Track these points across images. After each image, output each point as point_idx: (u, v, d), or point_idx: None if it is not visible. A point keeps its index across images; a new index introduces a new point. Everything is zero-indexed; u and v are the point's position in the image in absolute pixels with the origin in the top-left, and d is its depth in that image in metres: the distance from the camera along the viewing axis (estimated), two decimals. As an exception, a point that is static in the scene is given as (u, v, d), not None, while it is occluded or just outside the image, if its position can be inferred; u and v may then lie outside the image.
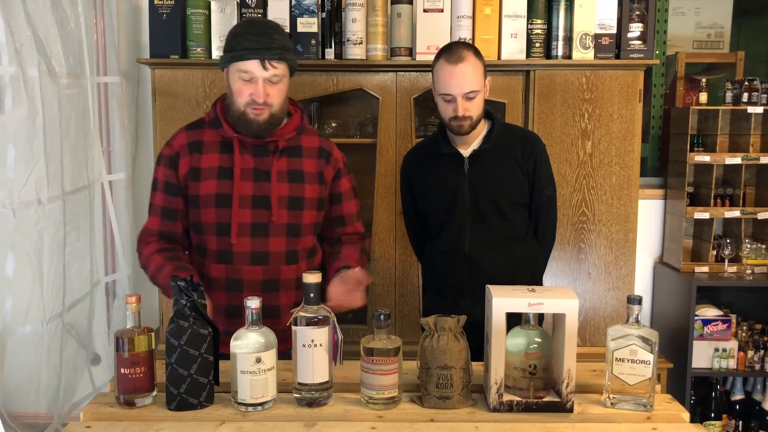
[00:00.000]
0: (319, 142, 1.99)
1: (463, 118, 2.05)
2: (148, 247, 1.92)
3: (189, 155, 1.90)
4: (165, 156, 1.92)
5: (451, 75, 2.02)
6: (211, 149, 1.90)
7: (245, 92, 1.81)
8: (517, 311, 1.53)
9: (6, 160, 2.25)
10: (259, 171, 1.89)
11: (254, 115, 1.83)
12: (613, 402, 1.56)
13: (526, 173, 2.16)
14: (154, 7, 2.78)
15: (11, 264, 2.29)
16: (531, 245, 2.23)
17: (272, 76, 1.81)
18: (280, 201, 1.89)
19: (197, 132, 1.93)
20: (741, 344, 3.10)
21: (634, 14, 2.83)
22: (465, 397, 1.56)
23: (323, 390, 1.56)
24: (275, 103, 1.84)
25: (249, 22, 1.88)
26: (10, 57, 2.20)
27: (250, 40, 1.79)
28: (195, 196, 1.89)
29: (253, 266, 1.89)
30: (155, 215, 1.93)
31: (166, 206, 1.92)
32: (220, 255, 1.89)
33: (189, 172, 1.89)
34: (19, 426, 2.34)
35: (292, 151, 1.93)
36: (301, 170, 1.93)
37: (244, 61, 1.79)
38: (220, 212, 1.87)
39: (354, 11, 2.80)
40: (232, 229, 1.86)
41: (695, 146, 3.15)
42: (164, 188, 1.91)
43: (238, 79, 1.82)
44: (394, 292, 2.96)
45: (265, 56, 1.78)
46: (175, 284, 1.52)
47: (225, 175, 1.88)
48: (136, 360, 1.52)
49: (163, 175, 1.91)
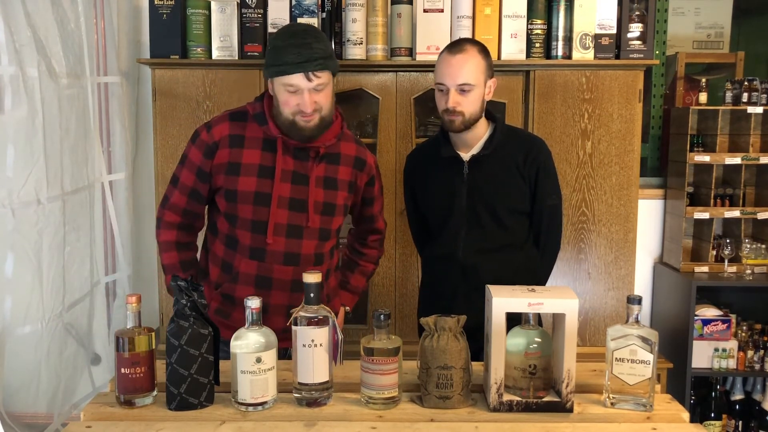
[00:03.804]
0: (356, 151, 2.01)
1: (454, 113, 1.99)
2: (168, 232, 1.96)
3: (229, 148, 1.88)
4: (203, 141, 1.90)
5: (447, 64, 1.99)
6: (253, 145, 1.89)
7: (292, 103, 1.81)
8: (517, 311, 1.53)
9: (5, 160, 2.25)
10: (297, 174, 1.90)
11: (304, 122, 1.83)
12: (613, 402, 1.56)
13: (527, 180, 2.09)
14: (155, 7, 2.78)
15: (11, 264, 2.29)
16: (530, 255, 2.16)
17: (317, 86, 1.80)
18: (315, 206, 1.92)
19: (240, 125, 1.91)
20: (741, 344, 3.10)
21: (634, 14, 2.83)
22: (465, 397, 1.56)
23: (323, 390, 1.56)
24: (324, 107, 1.84)
25: (288, 32, 1.85)
26: (10, 57, 2.20)
27: (291, 53, 1.78)
28: (232, 191, 1.88)
29: (285, 266, 1.90)
30: (183, 193, 1.94)
31: (195, 188, 1.93)
32: (253, 251, 1.90)
33: (227, 164, 1.88)
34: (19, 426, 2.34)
35: (331, 158, 1.95)
36: (336, 178, 1.96)
37: (288, 75, 1.78)
38: (257, 210, 1.88)
39: (354, 11, 2.80)
40: (268, 229, 1.87)
41: (695, 146, 3.15)
42: (196, 172, 1.91)
43: (284, 91, 1.81)
44: (394, 292, 2.96)
45: (308, 69, 1.77)
46: (176, 284, 1.52)
47: (265, 173, 1.88)
48: (136, 360, 1.52)
49: (198, 159, 1.90)
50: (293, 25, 1.84)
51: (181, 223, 1.97)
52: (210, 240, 2.01)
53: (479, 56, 2.01)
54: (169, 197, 1.97)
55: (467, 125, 2.03)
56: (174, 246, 1.97)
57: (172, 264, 1.96)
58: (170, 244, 1.96)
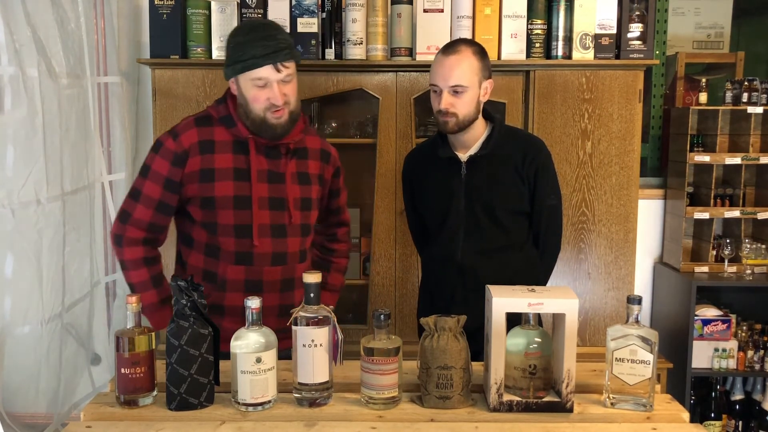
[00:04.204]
0: (320, 144, 2.02)
1: (447, 114, 1.97)
2: (134, 249, 1.88)
3: (200, 155, 1.84)
4: (170, 150, 1.84)
5: (440, 65, 1.98)
6: (224, 149, 1.86)
7: (262, 98, 1.80)
8: (517, 311, 1.53)
9: (5, 160, 2.25)
10: (273, 173, 1.89)
11: (275, 118, 1.82)
12: (613, 402, 1.56)
13: (526, 181, 2.07)
14: (155, 7, 2.78)
15: (10, 264, 2.29)
16: (529, 256, 2.15)
17: (286, 77, 1.80)
18: (295, 203, 1.91)
19: (207, 130, 1.87)
20: (741, 344, 3.10)
21: (634, 14, 2.83)
22: (465, 397, 1.56)
23: (323, 390, 1.56)
24: (292, 101, 1.84)
25: (248, 27, 1.84)
26: (10, 57, 2.20)
27: (257, 46, 1.76)
28: (209, 198, 1.85)
29: (273, 267, 1.90)
30: (148, 207, 1.86)
31: (162, 201, 1.86)
32: (239, 256, 1.88)
33: (199, 172, 1.84)
34: (19, 426, 2.34)
35: (300, 153, 1.95)
36: (307, 172, 1.96)
37: (257, 68, 1.77)
38: (239, 214, 1.85)
39: (354, 11, 2.80)
40: (253, 231, 1.86)
41: (695, 146, 3.15)
42: (164, 183, 1.85)
43: (252, 87, 1.80)
44: (394, 292, 2.96)
45: (277, 59, 1.77)
46: (176, 284, 1.52)
47: (241, 176, 1.86)
48: (136, 360, 1.52)
49: (165, 169, 1.84)
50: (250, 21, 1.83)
51: (146, 237, 1.89)
52: (185, 253, 1.96)
53: (473, 57, 1.98)
54: (130, 212, 1.88)
55: (461, 126, 2.01)
56: (142, 262, 1.89)
57: (143, 281, 1.89)
58: (138, 262, 1.89)
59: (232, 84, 1.85)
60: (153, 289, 1.90)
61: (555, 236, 2.19)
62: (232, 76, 1.83)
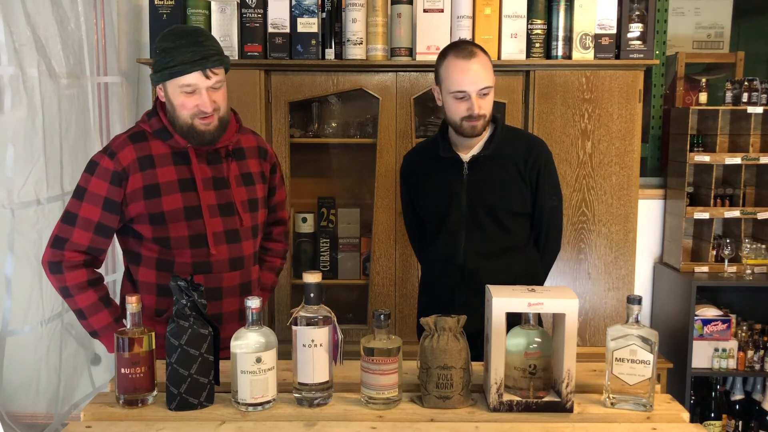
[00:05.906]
0: (256, 141, 2.02)
1: (478, 117, 1.97)
2: (76, 273, 1.81)
3: (141, 172, 1.80)
4: (107, 170, 1.79)
5: (464, 71, 1.97)
6: (164, 162, 1.83)
7: (190, 104, 1.77)
8: (517, 311, 1.53)
9: (5, 160, 2.25)
10: (217, 179, 1.88)
11: (203, 125, 1.79)
12: (613, 402, 1.56)
13: (528, 181, 2.07)
14: (155, 7, 2.78)
15: (10, 264, 2.29)
16: (531, 257, 2.15)
17: (215, 83, 1.78)
18: (242, 205, 1.91)
19: (143, 145, 1.83)
20: (741, 344, 3.10)
21: (634, 14, 2.83)
22: (465, 397, 1.56)
23: (323, 390, 1.56)
24: (221, 107, 1.82)
25: (177, 33, 1.80)
26: (10, 57, 2.20)
27: (185, 52, 1.74)
28: (157, 213, 1.81)
29: (232, 272, 1.90)
30: (86, 230, 1.80)
31: (102, 223, 1.81)
32: (197, 267, 1.85)
33: (143, 189, 1.80)
34: (19, 426, 2.34)
35: (239, 154, 1.94)
36: (249, 172, 1.96)
37: (185, 75, 1.75)
38: (191, 225, 1.83)
39: (354, 11, 2.80)
40: (209, 240, 1.84)
41: (695, 146, 3.15)
42: (103, 204, 1.79)
43: (180, 94, 1.77)
44: (394, 292, 2.96)
45: (206, 66, 1.75)
46: (176, 284, 1.52)
47: (187, 187, 1.83)
48: (136, 360, 1.52)
49: (103, 190, 1.79)
50: (178, 27, 1.82)
51: (86, 260, 1.83)
52: (133, 270, 1.91)
53: (486, 57, 2.01)
54: (67, 237, 1.80)
55: (486, 126, 2.04)
56: (87, 285, 1.82)
57: (91, 304, 1.82)
58: (82, 285, 1.81)
59: (159, 91, 1.82)
60: (105, 310, 1.84)
61: (555, 237, 2.19)
62: (160, 82, 1.80)
